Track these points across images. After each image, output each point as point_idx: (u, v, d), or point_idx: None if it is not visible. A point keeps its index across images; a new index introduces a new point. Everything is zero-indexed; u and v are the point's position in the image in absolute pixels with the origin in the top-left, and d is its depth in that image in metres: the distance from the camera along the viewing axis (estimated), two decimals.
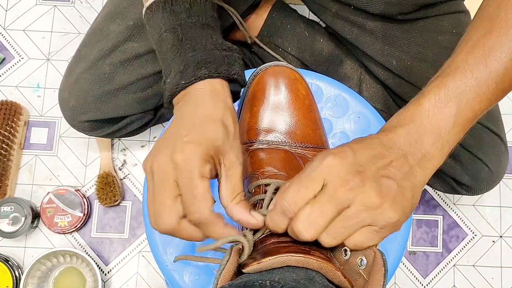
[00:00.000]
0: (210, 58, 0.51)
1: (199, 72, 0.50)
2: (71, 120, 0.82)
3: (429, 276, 1.15)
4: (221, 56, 0.52)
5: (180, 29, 0.52)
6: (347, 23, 0.84)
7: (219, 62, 0.52)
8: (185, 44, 0.52)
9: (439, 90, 0.45)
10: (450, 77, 0.45)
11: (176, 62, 0.52)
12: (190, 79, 0.50)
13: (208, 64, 0.51)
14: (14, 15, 1.22)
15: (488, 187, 0.82)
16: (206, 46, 0.52)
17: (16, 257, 1.11)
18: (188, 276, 0.65)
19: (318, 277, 0.41)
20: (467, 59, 0.45)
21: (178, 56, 0.52)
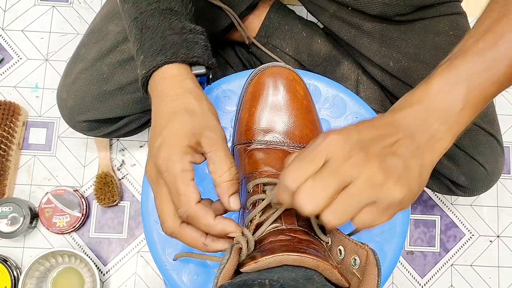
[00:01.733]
0: (166, 44, 0.52)
1: (155, 59, 0.51)
2: (69, 120, 0.82)
3: (427, 276, 1.15)
4: (180, 40, 0.52)
5: (140, 19, 0.53)
6: (344, 24, 0.84)
7: (177, 46, 0.52)
8: (144, 34, 0.52)
9: (448, 72, 0.44)
10: (460, 59, 0.45)
11: (139, 53, 0.52)
12: (148, 68, 0.51)
13: (164, 51, 0.51)
14: (13, 16, 1.22)
15: (484, 188, 0.82)
16: (164, 32, 0.52)
17: (15, 257, 1.11)
18: (186, 276, 0.65)
19: (317, 276, 0.41)
20: (478, 43, 0.45)
21: (140, 47, 0.52)
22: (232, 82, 0.72)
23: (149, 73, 0.51)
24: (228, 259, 0.42)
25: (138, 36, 0.53)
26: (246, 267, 0.42)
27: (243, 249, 0.45)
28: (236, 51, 1.02)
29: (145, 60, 0.51)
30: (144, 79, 0.52)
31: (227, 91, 0.72)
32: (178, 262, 0.65)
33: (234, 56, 1.02)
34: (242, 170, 0.60)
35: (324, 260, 0.41)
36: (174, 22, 0.53)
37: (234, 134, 0.65)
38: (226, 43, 1.02)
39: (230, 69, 1.01)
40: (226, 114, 0.71)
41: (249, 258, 0.43)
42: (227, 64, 1.02)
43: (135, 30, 0.53)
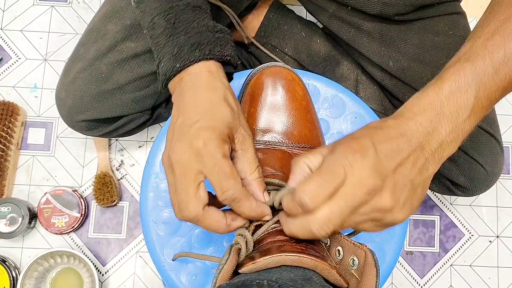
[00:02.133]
0: (203, 41, 0.52)
1: (193, 54, 0.51)
2: (68, 120, 0.82)
3: (426, 276, 1.15)
4: (214, 38, 0.53)
5: (172, 13, 0.53)
6: (344, 24, 0.84)
7: (212, 44, 0.52)
8: (178, 28, 0.52)
9: (459, 76, 0.44)
10: (469, 63, 0.44)
11: (169, 46, 0.52)
12: (184, 62, 0.51)
13: (201, 46, 0.51)
14: (12, 16, 1.22)
15: (483, 188, 0.82)
16: (199, 28, 0.53)
17: (13, 258, 1.11)
18: (185, 276, 0.65)
19: (315, 277, 0.41)
20: (486, 45, 0.44)
21: (170, 40, 0.52)
22: (231, 82, 0.72)
23: (184, 67, 0.51)
24: (227, 260, 0.42)
25: (169, 30, 0.52)
26: (244, 268, 0.41)
27: (242, 249, 0.44)
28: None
29: (179, 54, 0.51)
30: (174, 72, 0.52)
31: None
32: (176, 263, 0.65)
33: None
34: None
35: (322, 260, 0.41)
36: (205, 19, 0.54)
37: None
38: None
39: None
40: None
41: (247, 259, 0.43)
42: None
43: (164, 23, 0.53)
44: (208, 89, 0.50)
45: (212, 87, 0.50)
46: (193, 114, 0.48)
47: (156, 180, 0.68)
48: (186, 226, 0.67)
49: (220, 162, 0.45)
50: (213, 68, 0.52)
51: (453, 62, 0.46)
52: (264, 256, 0.41)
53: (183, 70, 0.51)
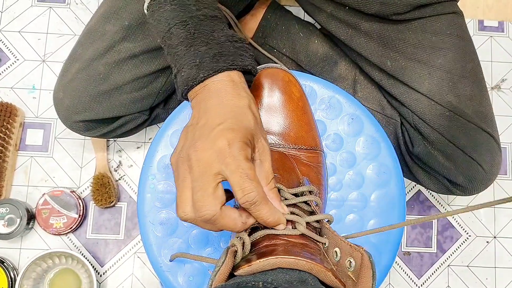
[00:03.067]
0: (225, 51, 0.52)
1: (217, 65, 0.51)
2: (66, 120, 0.82)
3: (424, 276, 1.15)
4: (234, 48, 0.53)
5: (192, 23, 0.53)
6: (341, 24, 0.84)
7: (234, 54, 0.53)
8: (198, 38, 0.52)
9: None
10: None
11: (190, 56, 0.52)
12: (208, 72, 0.51)
13: (224, 57, 0.52)
14: (10, 17, 1.22)
15: (482, 187, 0.82)
16: (219, 39, 0.53)
17: (11, 259, 1.11)
18: (182, 277, 0.65)
19: (310, 279, 0.41)
20: None
21: (191, 50, 0.52)
22: None
23: (208, 77, 0.52)
24: (223, 262, 0.42)
25: (189, 40, 0.53)
26: (240, 270, 0.42)
27: (238, 251, 0.44)
28: None
29: (201, 64, 0.52)
30: (197, 81, 0.52)
31: None
32: (173, 264, 0.65)
33: None
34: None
35: (318, 263, 0.41)
36: (224, 29, 0.54)
37: None
38: None
39: None
40: None
41: (243, 261, 0.43)
42: None
43: (183, 33, 0.53)
44: (233, 96, 0.51)
45: (237, 95, 0.51)
46: (218, 117, 0.49)
47: (153, 181, 0.69)
48: (183, 227, 0.67)
49: (243, 164, 0.46)
50: (236, 77, 0.52)
51: None
52: (260, 258, 0.41)
53: (207, 79, 0.52)
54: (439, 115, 0.79)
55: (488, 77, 1.24)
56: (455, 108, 0.78)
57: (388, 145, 0.71)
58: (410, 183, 1.17)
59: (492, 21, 1.27)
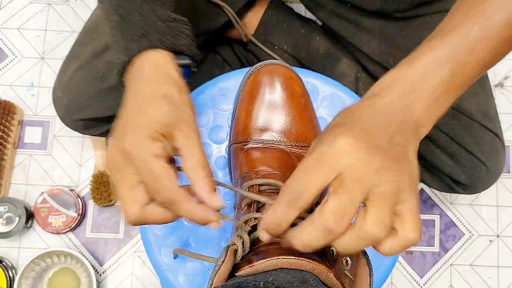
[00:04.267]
0: (152, 30, 0.50)
1: (141, 44, 0.49)
2: (65, 119, 0.82)
3: (426, 275, 1.14)
4: (166, 27, 0.51)
5: (123, 6, 0.51)
6: (343, 21, 0.84)
7: (163, 33, 0.51)
8: (128, 20, 0.51)
9: (433, 52, 0.42)
10: (445, 38, 0.43)
11: (118, 39, 0.51)
12: (130, 53, 0.49)
13: (150, 35, 0.50)
14: (8, 14, 1.21)
15: (485, 185, 0.82)
16: (149, 19, 0.51)
17: (10, 258, 1.10)
18: (182, 277, 0.64)
19: (312, 279, 0.40)
20: (462, 21, 0.43)
21: (121, 34, 0.51)
22: (229, 80, 0.71)
23: (131, 58, 0.49)
24: (224, 261, 0.42)
25: (119, 23, 0.51)
26: (241, 271, 0.41)
27: (239, 250, 0.44)
28: (233, 49, 1.01)
29: (127, 45, 0.50)
30: (123, 65, 0.50)
31: (223, 89, 0.71)
32: (174, 263, 0.65)
33: (231, 54, 1.01)
34: (238, 170, 0.60)
35: (319, 262, 0.40)
36: (159, 10, 0.52)
37: (231, 133, 0.64)
38: (223, 41, 1.01)
39: (227, 67, 1.01)
40: (223, 112, 0.70)
41: (245, 262, 0.42)
42: (225, 62, 1.01)
43: (117, 17, 0.52)
44: (147, 84, 0.47)
45: (153, 81, 0.48)
46: (125, 113, 0.46)
47: None
48: (184, 226, 0.66)
49: (149, 164, 0.42)
50: (161, 60, 0.50)
51: (429, 39, 0.44)
52: (262, 259, 0.40)
53: (132, 62, 0.50)
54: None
55: (491, 74, 1.23)
56: (458, 106, 0.77)
57: None
58: None
59: None
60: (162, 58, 0.50)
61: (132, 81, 0.49)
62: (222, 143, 0.69)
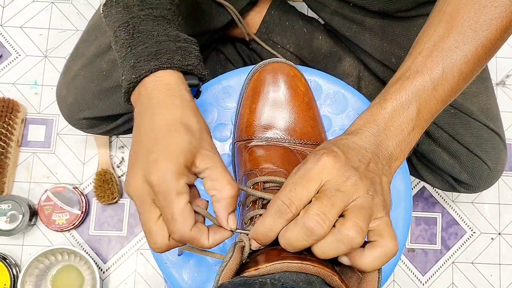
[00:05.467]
0: (162, 50, 0.50)
1: (149, 64, 0.49)
2: (69, 118, 0.82)
3: (428, 273, 1.15)
4: (175, 47, 0.51)
5: (132, 24, 0.51)
6: (346, 20, 0.84)
7: (172, 53, 0.50)
8: (136, 39, 0.50)
9: (401, 94, 0.46)
10: (410, 81, 0.47)
11: (128, 58, 0.50)
12: (140, 73, 0.49)
13: (159, 56, 0.49)
14: (11, 12, 1.21)
15: (486, 184, 0.82)
16: (158, 38, 0.51)
17: (14, 255, 1.10)
18: (187, 273, 0.65)
19: (317, 281, 0.40)
20: (426, 63, 0.47)
21: (129, 51, 0.50)
22: (233, 78, 0.71)
23: (141, 78, 0.49)
24: (231, 257, 0.42)
25: (128, 41, 0.50)
26: (246, 273, 0.41)
27: (246, 247, 0.44)
28: (236, 48, 1.01)
29: (136, 65, 0.49)
30: (132, 85, 0.50)
31: (227, 88, 0.71)
32: (178, 260, 0.65)
33: (234, 53, 1.01)
34: (242, 167, 0.60)
35: (324, 266, 0.40)
36: (168, 29, 0.52)
37: (235, 131, 0.64)
38: (226, 40, 1.01)
39: (230, 65, 1.01)
40: (227, 110, 0.70)
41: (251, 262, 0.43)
42: (228, 61, 1.01)
43: (124, 34, 0.51)
44: (163, 110, 0.47)
45: (168, 106, 0.47)
46: (149, 141, 0.46)
47: None
48: None
49: (170, 203, 0.43)
50: (172, 80, 0.49)
51: (395, 80, 0.48)
52: (267, 262, 0.40)
53: (141, 82, 0.49)
54: (444, 112, 0.78)
55: (493, 73, 1.23)
56: (460, 105, 0.77)
57: None
58: (413, 180, 1.17)
59: None
60: (173, 79, 0.49)
61: (143, 105, 0.49)
62: (226, 141, 0.70)
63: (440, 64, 0.47)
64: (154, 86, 0.49)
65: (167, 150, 0.45)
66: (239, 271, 0.43)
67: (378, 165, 0.44)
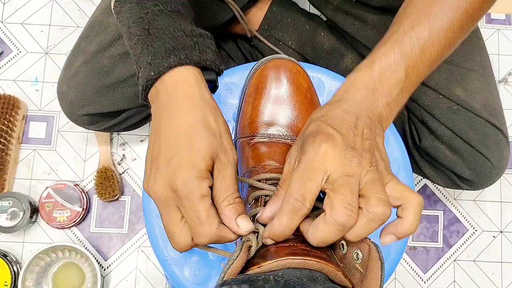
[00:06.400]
0: (179, 45, 0.49)
1: (168, 60, 0.48)
2: (70, 114, 0.81)
3: (430, 271, 1.15)
4: (192, 42, 0.50)
5: (146, 19, 0.50)
6: (348, 17, 0.83)
7: (189, 48, 0.49)
8: (152, 35, 0.49)
9: (389, 56, 0.48)
10: (398, 43, 0.48)
11: (145, 54, 0.49)
12: (158, 69, 0.48)
13: (177, 52, 0.48)
14: (12, 8, 1.21)
15: (489, 181, 0.81)
16: (175, 33, 0.50)
17: (15, 252, 1.10)
18: (188, 270, 0.64)
19: (321, 277, 0.40)
20: (413, 26, 0.49)
21: (146, 47, 0.49)
22: (235, 75, 0.71)
23: (159, 75, 0.48)
24: (238, 256, 0.42)
25: (144, 37, 0.50)
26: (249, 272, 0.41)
27: (253, 246, 0.44)
28: (238, 44, 1.01)
29: (154, 62, 0.48)
30: (150, 82, 0.49)
31: (229, 84, 0.71)
32: (180, 257, 0.65)
33: (236, 49, 1.01)
34: (245, 164, 0.60)
35: (328, 262, 0.40)
36: (183, 24, 0.51)
37: (237, 128, 0.64)
38: (228, 36, 1.01)
39: (232, 62, 1.00)
40: (229, 107, 0.70)
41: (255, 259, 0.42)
42: (229, 58, 1.01)
43: (139, 30, 0.50)
44: (184, 109, 0.47)
45: (189, 106, 0.47)
46: (170, 144, 0.46)
47: None
48: None
49: (195, 206, 0.44)
50: (191, 77, 0.49)
51: (383, 43, 0.50)
52: (270, 260, 0.40)
53: (159, 79, 0.49)
54: (447, 109, 0.78)
55: (495, 70, 1.22)
56: (463, 102, 0.77)
57: (397, 138, 0.70)
58: (416, 177, 1.17)
59: (499, 14, 1.25)
60: (192, 76, 0.49)
61: (162, 104, 0.48)
62: None
63: (427, 28, 0.49)
64: (173, 83, 0.48)
65: (189, 155, 0.45)
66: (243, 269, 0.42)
67: (371, 128, 0.45)
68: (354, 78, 0.48)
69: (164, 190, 0.45)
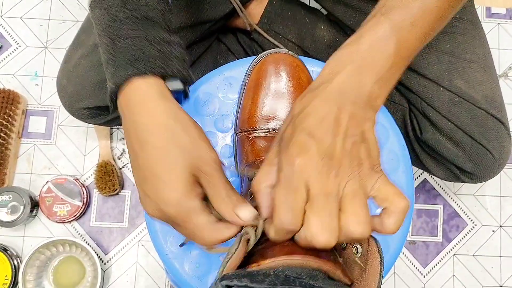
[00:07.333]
0: (141, 55, 0.47)
1: (128, 71, 0.47)
2: (69, 107, 0.81)
3: (429, 265, 1.15)
4: (156, 51, 0.48)
5: (114, 28, 0.49)
6: (348, 9, 0.83)
7: (153, 58, 0.48)
8: (117, 45, 0.48)
9: (378, 29, 0.44)
10: (387, 16, 0.44)
11: (110, 65, 0.48)
12: (118, 81, 0.47)
13: (138, 63, 0.47)
14: (11, 2, 1.21)
15: (491, 174, 0.81)
16: (138, 42, 0.48)
17: (15, 247, 1.11)
18: (188, 264, 0.64)
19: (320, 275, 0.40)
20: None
21: (110, 58, 0.48)
22: (234, 69, 0.71)
23: (118, 87, 0.47)
24: (236, 249, 0.42)
25: (109, 47, 0.48)
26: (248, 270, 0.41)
27: (251, 240, 0.44)
28: (238, 38, 1.01)
29: (115, 73, 0.47)
30: (113, 94, 0.48)
31: (229, 78, 0.70)
32: (180, 251, 0.65)
33: (236, 43, 1.01)
34: (244, 158, 0.60)
35: (326, 261, 0.40)
36: (150, 32, 0.49)
37: (236, 122, 0.64)
38: (228, 30, 1.00)
39: (232, 56, 1.00)
40: (228, 101, 0.70)
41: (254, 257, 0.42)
42: (229, 51, 1.00)
43: (106, 39, 0.49)
44: (150, 131, 0.45)
45: (155, 126, 0.46)
46: (147, 170, 0.45)
47: None
48: None
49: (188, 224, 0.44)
50: (153, 89, 0.47)
51: (372, 16, 0.45)
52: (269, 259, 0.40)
53: (122, 91, 0.47)
54: (448, 101, 0.77)
55: (496, 65, 1.22)
56: (464, 94, 0.77)
57: (397, 132, 0.70)
58: (415, 171, 1.17)
59: (499, 8, 1.25)
60: (154, 88, 0.47)
61: (130, 121, 0.47)
62: (228, 132, 0.69)
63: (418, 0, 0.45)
64: (134, 97, 0.47)
65: (169, 179, 0.44)
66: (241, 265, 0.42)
67: (356, 116, 0.42)
68: (340, 54, 0.45)
69: (159, 214, 0.46)
